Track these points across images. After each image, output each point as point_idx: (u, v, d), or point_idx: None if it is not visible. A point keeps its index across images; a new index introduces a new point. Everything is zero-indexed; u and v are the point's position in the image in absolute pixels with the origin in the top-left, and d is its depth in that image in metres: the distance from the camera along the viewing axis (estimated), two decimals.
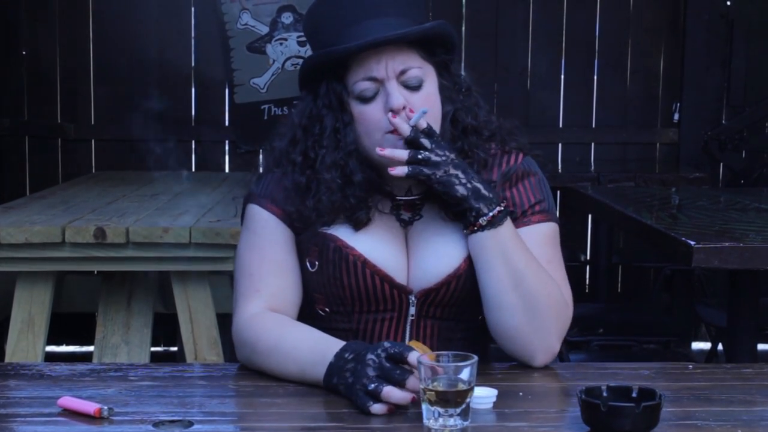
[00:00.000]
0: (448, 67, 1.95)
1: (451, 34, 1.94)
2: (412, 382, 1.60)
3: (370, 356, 1.64)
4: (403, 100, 1.84)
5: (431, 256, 1.90)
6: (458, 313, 1.94)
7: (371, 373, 1.62)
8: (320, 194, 1.90)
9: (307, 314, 1.97)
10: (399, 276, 1.91)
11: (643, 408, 1.46)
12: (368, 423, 1.57)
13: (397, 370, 1.61)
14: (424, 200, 1.94)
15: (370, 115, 1.87)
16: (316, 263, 1.92)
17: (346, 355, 1.69)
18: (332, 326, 1.93)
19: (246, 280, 1.93)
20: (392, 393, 1.59)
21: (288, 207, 1.93)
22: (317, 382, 1.72)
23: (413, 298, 1.91)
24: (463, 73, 2.00)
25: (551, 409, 1.67)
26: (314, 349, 1.76)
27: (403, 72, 1.86)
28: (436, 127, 1.89)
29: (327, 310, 1.95)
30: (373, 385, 1.60)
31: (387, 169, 1.84)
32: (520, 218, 1.92)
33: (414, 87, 1.87)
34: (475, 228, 1.84)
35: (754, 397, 1.71)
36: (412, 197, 1.95)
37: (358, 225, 1.91)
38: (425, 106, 1.85)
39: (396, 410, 1.60)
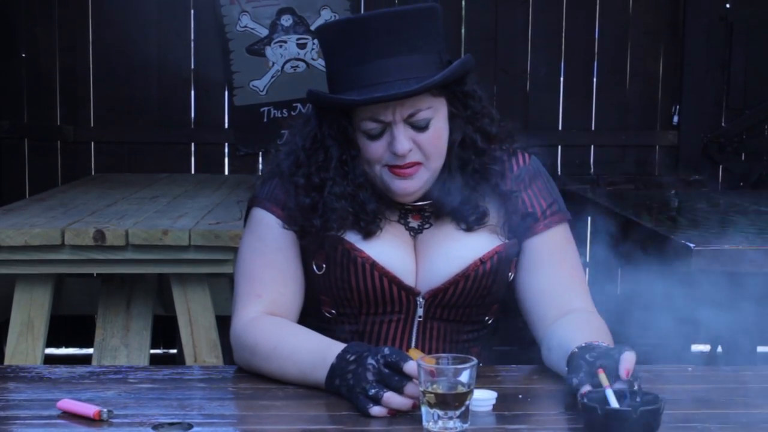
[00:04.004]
0: (459, 94, 1.92)
1: (467, 70, 1.91)
2: (410, 388, 1.60)
3: (370, 361, 1.64)
4: (408, 146, 1.84)
5: (441, 259, 1.91)
6: (465, 314, 1.95)
7: (370, 377, 1.62)
8: (330, 221, 1.89)
9: (312, 316, 1.97)
10: (407, 278, 1.91)
11: (642, 412, 1.46)
12: (368, 425, 1.57)
13: (395, 376, 1.61)
14: (433, 209, 1.94)
15: (374, 150, 1.87)
16: (324, 266, 1.92)
17: (348, 356, 1.69)
18: (338, 328, 1.94)
19: (247, 284, 1.93)
20: (393, 399, 1.59)
21: (292, 226, 1.92)
22: (318, 384, 1.72)
23: (421, 300, 1.92)
24: (475, 88, 1.96)
25: (551, 412, 1.67)
26: (314, 351, 1.76)
27: (411, 115, 1.85)
28: (442, 157, 1.89)
29: (333, 312, 1.95)
30: (373, 390, 1.60)
31: (394, 196, 1.89)
32: (540, 221, 1.96)
33: (421, 128, 1.86)
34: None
35: (754, 400, 1.71)
36: (420, 203, 1.94)
37: (368, 236, 1.91)
38: (432, 143, 1.86)
39: (396, 414, 1.60)
